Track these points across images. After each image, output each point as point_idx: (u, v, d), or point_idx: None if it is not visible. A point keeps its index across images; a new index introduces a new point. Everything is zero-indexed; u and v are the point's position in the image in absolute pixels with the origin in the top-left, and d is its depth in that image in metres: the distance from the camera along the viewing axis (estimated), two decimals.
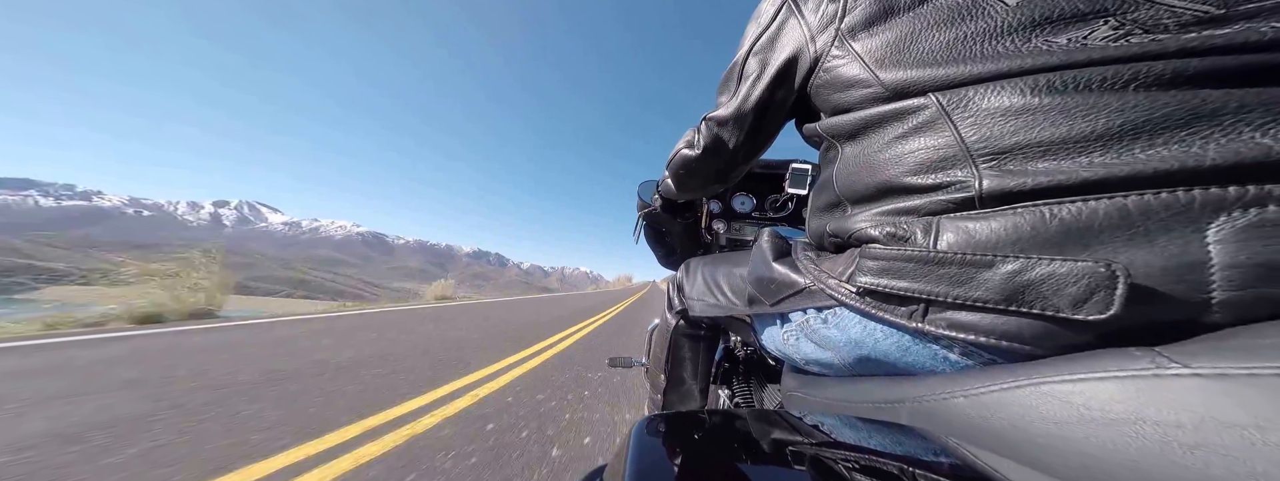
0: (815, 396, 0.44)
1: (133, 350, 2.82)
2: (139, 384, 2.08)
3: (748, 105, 0.50)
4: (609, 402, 2.37)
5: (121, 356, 2.63)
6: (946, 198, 0.31)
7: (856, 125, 0.39)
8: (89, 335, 3.26)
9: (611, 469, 0.33)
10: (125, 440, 1.48)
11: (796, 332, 0.45)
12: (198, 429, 1.61)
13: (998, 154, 0.29)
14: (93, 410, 1.71)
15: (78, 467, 1.28)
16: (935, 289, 0.29)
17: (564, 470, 1.50)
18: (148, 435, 1.53)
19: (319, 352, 3.07)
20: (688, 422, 0.38)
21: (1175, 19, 0.26)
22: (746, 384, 1.05)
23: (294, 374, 2.45)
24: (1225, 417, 0.17)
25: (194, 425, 1.64)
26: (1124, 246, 0.24)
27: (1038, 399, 0.24)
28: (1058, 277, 0.24)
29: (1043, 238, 0.26)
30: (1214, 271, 0.22)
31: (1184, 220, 0.23)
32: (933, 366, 0.33)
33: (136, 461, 1.34)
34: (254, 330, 3.89)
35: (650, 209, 1.09)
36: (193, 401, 1.89)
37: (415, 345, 3.65)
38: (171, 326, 3.92)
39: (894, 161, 0.35)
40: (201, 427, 1.63)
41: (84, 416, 1.65)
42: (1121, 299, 0.22)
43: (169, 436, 1.53)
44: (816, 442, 0.39)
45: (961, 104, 0.31)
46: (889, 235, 0.34)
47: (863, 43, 0.38)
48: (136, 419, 1.66)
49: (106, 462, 1.33)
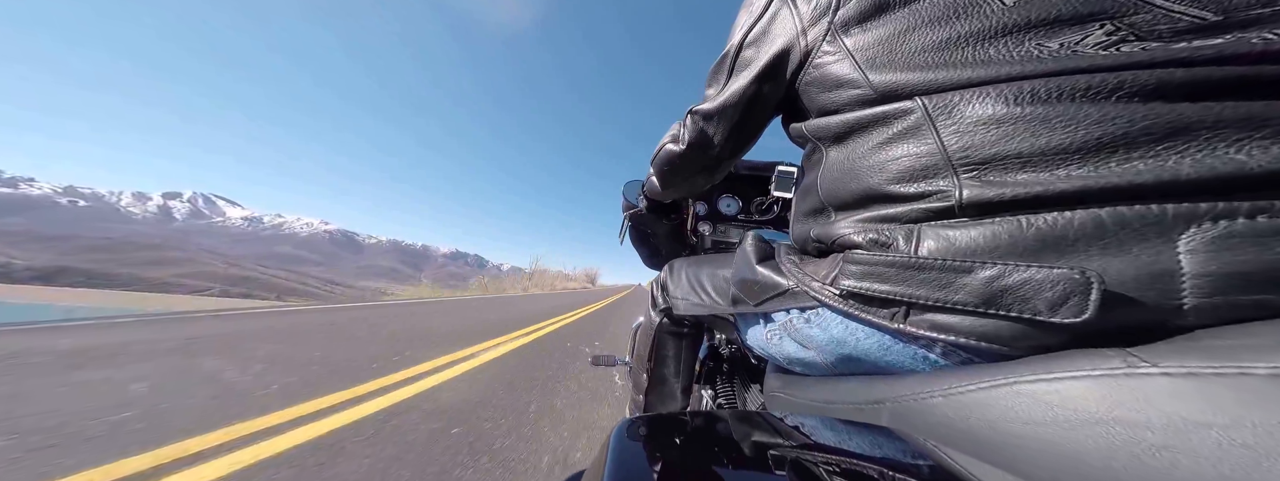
0: (798, 396, 0.45)
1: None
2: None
3: (736, 97, 0.49)
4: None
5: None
6: (927, 206, 0.32)
7: (842, 128, 0.39)
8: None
9: (590, 474, 0.32)
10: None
11: (780, 332, 0.46)
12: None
13: (978, 164, 0.30)
14: None
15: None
16: (916, 292, 0.30)
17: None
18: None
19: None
20: (668, 425, 0.38)
21: (1170, 26, 0.27)
22: (730, 384, 1.05)
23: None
24: (1192, 417, 0.18)
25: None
26: (1098, 254, 0.25)
27: (1013, 398, 0.24)
28: (1034, 283, 0.25)
29: (1020, 246, 0.27)
30: (1185, 279, 0.23)
31: (1157, 231, 0.24)
32: (912, 365, 0.34)
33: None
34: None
35: (636, 210, 1.08)
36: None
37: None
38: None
39: (877, 168, 0.36)
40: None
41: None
42: (1095, 304, 0.23)
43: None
44: (797, 446, 0.39)
45: (946, 110, 0.32)
46: (872, 241, 0.35)
47: (855, 38, 0.38)
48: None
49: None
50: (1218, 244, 0.22)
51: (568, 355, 3.45)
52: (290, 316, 4.48)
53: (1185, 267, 0.23)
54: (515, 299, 11.06)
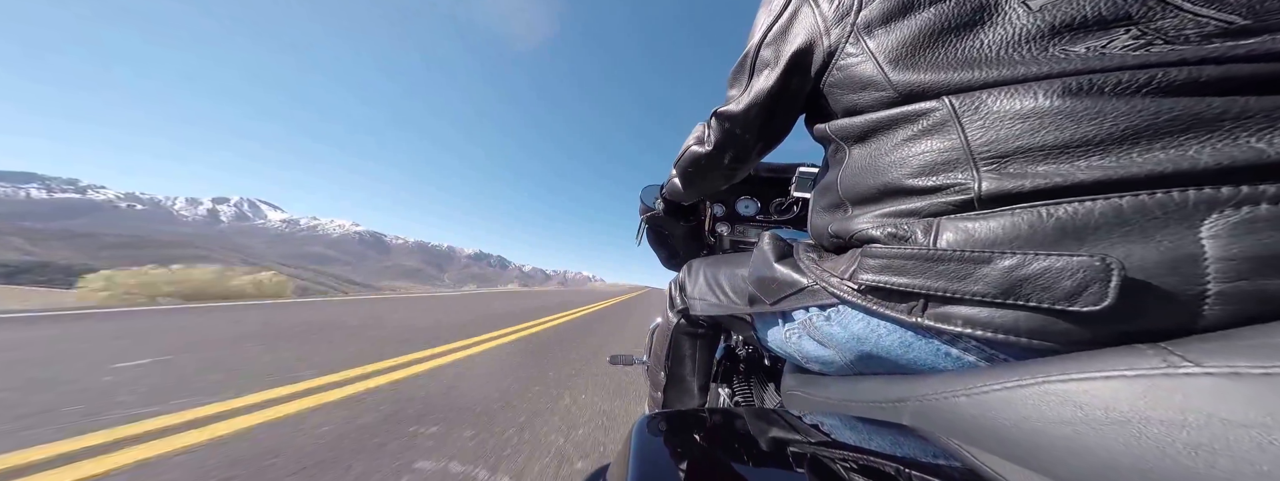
0: (816, 395, 0.45)
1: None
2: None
3: (761, 97, 0.49)
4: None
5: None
6: (945, 199, 0.32)
7: (866, 127, 0.39)
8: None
9: (615, 468, 0.33)
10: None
11: (798, 331, 0.45)
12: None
13: (1000, 157, 0.30)
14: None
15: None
16: (934, 284, 0.30)
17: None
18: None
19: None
20: (688, 421, 0.38)
21: (1198, 30, 0.26)
22: (746, 383, 1.05)
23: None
24: (1235, 417, 0.17)
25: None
26: (1119, 242, 0.24)
27: (1041, 398, 0.23)
28: (1053, 271, 0.25)
29: (1039, 235, 0.27)
30: (1208, 264, 0.22)
31: (1178, 217, 0.23)
32: (934, 363, 0.33)
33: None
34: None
35: (653, 212, 1.09)
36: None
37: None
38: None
39: (898, 164, 0.35)
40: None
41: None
42: (1115, 291, 0.23)
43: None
44: (816, 442, 0.39)
45: (973, 108, 0.31)
46: (890, 235, 0.34)
47: (878, 40, 0.38)
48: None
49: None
50: (1241, 228, 0.22)
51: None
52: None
53: (1208, 252, 0.22)
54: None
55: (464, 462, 1.44)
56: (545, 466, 1.45)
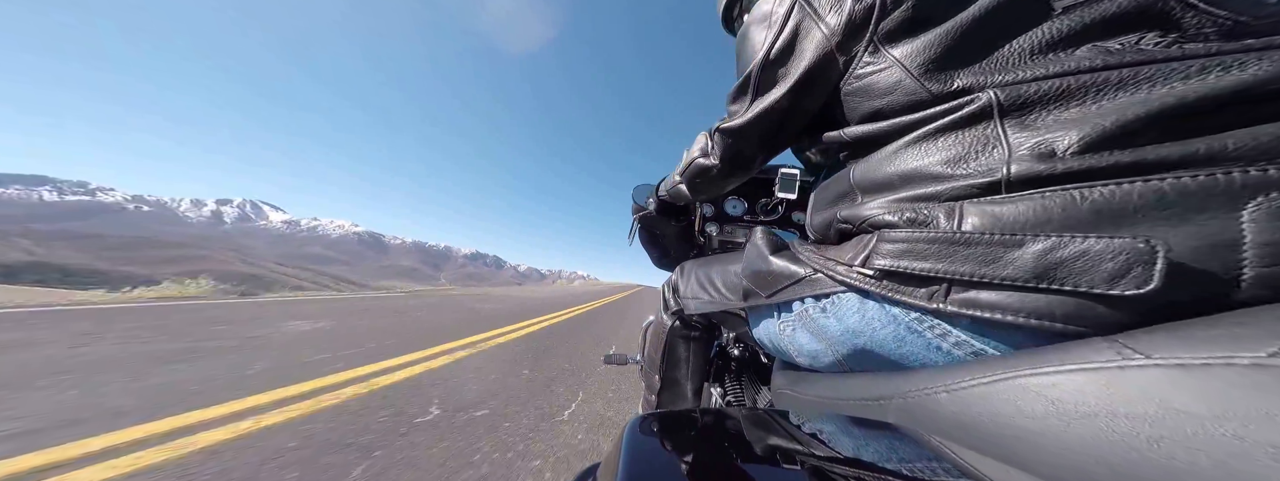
0: (805, 393, 0.45)
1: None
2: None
3: (767, 114, 0.49)
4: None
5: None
6: (970, 183, 0.31)
7: (890, 130, 0.39)
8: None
9: (605, 466, 0.33)
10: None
11: (794, 323, 0.45)
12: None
13: (1034, 143, 0.29)
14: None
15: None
16: (960, 268, 0.28)
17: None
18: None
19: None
20: (680, 421, 0.38)
21: (1217, 28, 0.27)
22: (738, 382, 1.06)
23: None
24: (1185, 408, 0.17)
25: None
26: (1162, 225, 0.24)
27: (1014, 393, 0.24)
28: (1093, 254, 0.24)
29: (1074, 218, 0.26)
30: (1246, 249, 0.22)
31: (1222, 200, 0.23)
32: (925, 357, 0.33)
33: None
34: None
35: (645, 212, 1.10)
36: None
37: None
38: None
39: (923, 154, 0.35)
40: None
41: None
42: (1161, 274, 0.22)
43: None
44: (803, 442, 0.39)
45: (1011, 102, 0.31)
46: (908, 220, 0.34)
47: (903, 48, 0.37)
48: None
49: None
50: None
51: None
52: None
53: (1248, 237, 0.22)
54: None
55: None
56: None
